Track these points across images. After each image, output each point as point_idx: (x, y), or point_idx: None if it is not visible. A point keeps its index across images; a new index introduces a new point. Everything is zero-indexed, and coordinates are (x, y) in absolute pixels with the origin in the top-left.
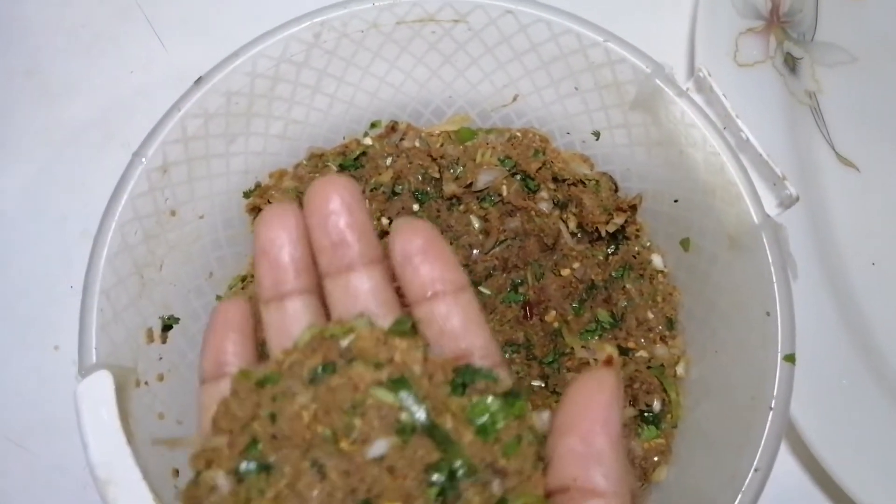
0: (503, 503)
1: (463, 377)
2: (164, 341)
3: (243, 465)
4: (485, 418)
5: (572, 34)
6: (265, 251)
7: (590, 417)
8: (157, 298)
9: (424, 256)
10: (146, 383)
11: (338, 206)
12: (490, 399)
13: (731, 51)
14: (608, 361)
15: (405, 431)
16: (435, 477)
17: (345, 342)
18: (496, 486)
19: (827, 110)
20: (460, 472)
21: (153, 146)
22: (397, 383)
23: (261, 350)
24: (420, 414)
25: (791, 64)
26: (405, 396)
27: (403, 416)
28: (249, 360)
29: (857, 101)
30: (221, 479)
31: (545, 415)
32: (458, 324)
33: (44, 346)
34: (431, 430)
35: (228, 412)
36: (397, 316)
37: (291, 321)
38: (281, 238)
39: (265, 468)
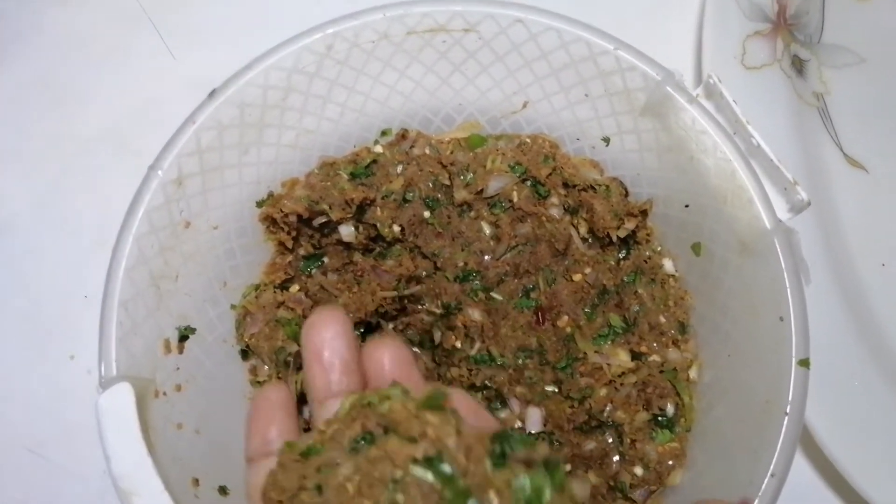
0: None
1: (501, 445)
2: (180, 351)
3: None
4: (528, 492)
5: (582, 42)
6: (316, 355)
7: None
8: (174, 309)
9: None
10: (164, 394)
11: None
12: (536, 475)
13: (739, 54)
14: None
15: None
16: None
17: (382, 408)
18: None
19: (835, 112)
20: None
21: (168, 159)
22: (434, 459)
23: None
24: (459, 485)
25: (798, 66)
26: (445, 470)
27: (447, 494)
28: (294, 437)
29: (865, 102)
30: None
31: (586, 485)
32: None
33: (60, 356)
34: None
35: (276, 484)
36: (431, 389)
37: None
38: (328, 342)
39: None
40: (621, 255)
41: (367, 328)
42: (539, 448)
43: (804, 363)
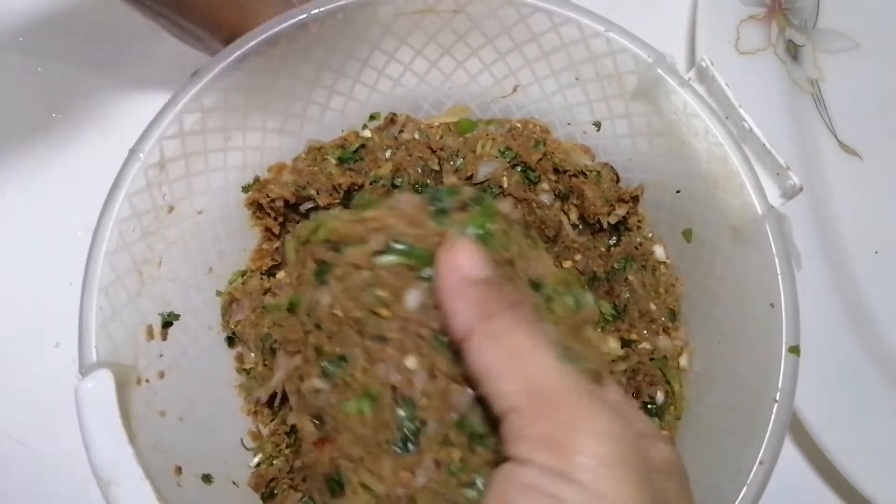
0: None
1: (435, 202)
2: (164, 338)
3: (325, 366)
4: (476, 229)
5: (573, 24)
6: None
7: None
8: (157, 295)
9: None
10: (147, 381)
11: None
12: (474, 214)
13: (733, 38)
14: None
15: (424, 276)
16: None
17: (320, 235)
18: (519, 271)
19: (829, 98)
20: None
21: (150, 142)
22: (391, 244)
23: None
24: (420, 251)
25: (793, 51)
26: (403, 248)
27: (413, 262)
28: None
29: (860, 88)
30: (319, 383)
31: (508, 202)
32: None
33: (44, 344)
34: None
35: (288, 340)
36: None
37: None
38: None
39: (342, 359)
40: (612, 242)
41: None
42: (464, 190)
43: (794, 350)
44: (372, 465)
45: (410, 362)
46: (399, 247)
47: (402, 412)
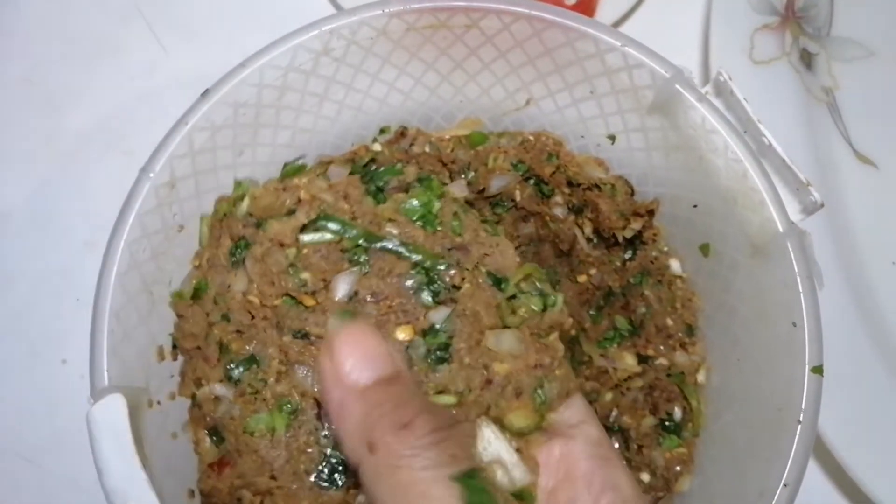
0: (499, 281)
1: (373, 181)
2: (174, 358)
3: (230, 367)
4: (419, 208)
5: (589, 39)
6: None
7: None
8: (167, 315)
9: None
10: (159, 402)
11: None
12: (417, 192)
13: (747, 48)
14: None
15: (358, 260)
16: (411, 282)
17: (242, 208)
18: (474, 260)
19: (844, 107)
20: (428, 265)
21: (160, 161)
22: (321, 219)
23: None
24: (354, 232)
25: (807, 60)
26: (334, 226)
27: (345, 244)
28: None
29: (875, 96)
30: (219, 389)
31: (458, 183)
32: None
33: (52, 361)
34: (382, 247)
35: (185, 333)
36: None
37: None
38: None
39: (252, 361)
40: (627, 256)
41: None
42: (407, 170)
43: (817, 370)
44: (285, 502)
45: None
46: (330, 224)
47: (327, 433)
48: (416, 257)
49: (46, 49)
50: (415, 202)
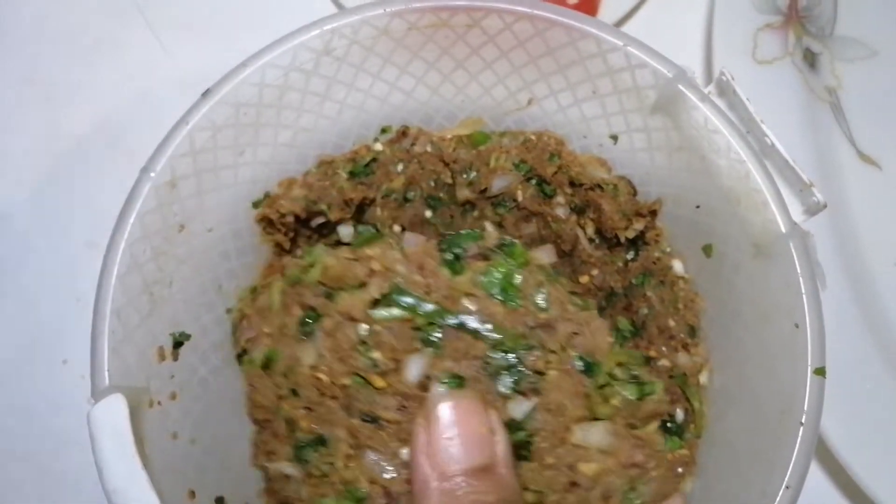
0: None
1: (451, 248)
2: (175, 358)
3: (299, 447)
4: (499, 280)
5: (591, 39)
6: None
7: None
8: (168, 315)
9: None
10: (159, 403)
11: None
12: (498, 263)
13: (750, 48)
14: None
15: (430, 339)
16: (489, 367)
17: (313, 275)
18: (561, 340)
19: (847, 107)
20: (509, 346)
21: (161, 161)
22: (394, 293)
23: None
24: (429, 307)
25: (810, 60)
26: (406, 300)
27: (418, 321)
28: None
29: (879, 96)
30: (289, 468)
31: (547, 248)
32: None
33: (52, 361)
34: (458, 324)
35: (257, 404)
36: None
37: None
38: None
39: (320, 442)
40: (629, 257)
41: None
42: (488, 237)
43: (820, 372)
44: None
45: (408, 454)
46: (403, 299)
47: None
48: (496, 337)
49: (46, 49)
50: (496, 275)
